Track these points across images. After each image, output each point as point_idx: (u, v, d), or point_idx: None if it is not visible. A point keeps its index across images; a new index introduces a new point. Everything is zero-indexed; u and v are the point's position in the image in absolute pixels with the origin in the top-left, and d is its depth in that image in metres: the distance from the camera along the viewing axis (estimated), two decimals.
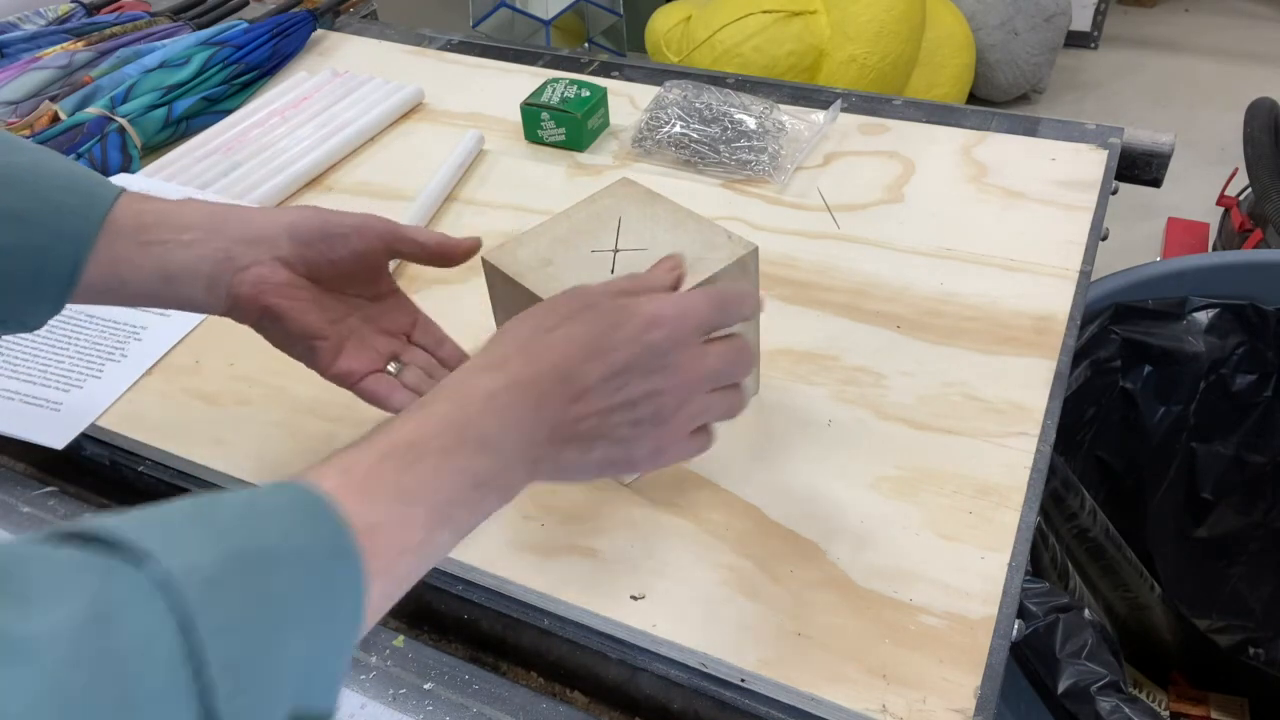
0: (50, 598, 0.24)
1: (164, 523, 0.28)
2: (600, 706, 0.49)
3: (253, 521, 0.30)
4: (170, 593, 0.26)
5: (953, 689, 0.44)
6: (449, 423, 0.36)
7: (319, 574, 0.30)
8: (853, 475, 0.54)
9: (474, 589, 0.52)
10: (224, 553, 0.28)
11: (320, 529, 0.31)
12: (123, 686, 0.24)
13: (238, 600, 0.27)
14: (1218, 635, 0.96)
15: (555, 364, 0.39)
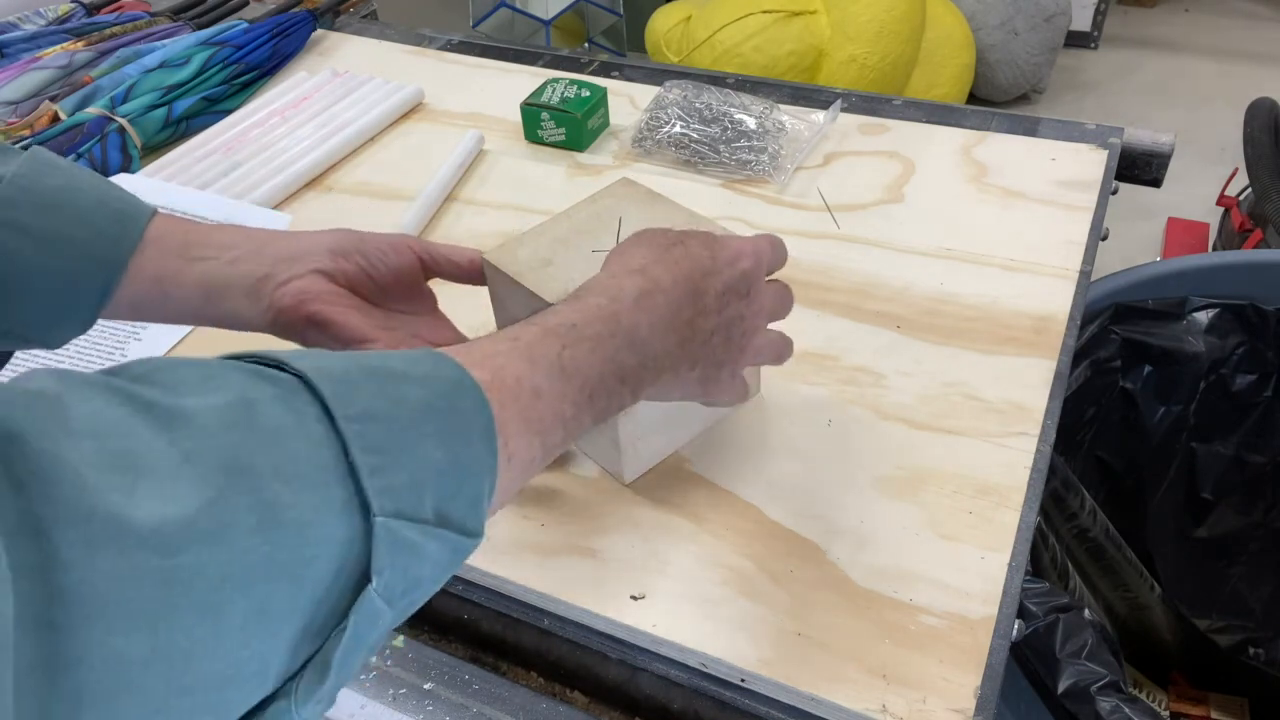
0: (200, 387, 0.26)
1: (300, 353, 0.30)
2: (600, 706, 0.49)
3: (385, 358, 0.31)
4: (307, 389, 0.28)
5: (953, 689, 0.44)
6: (606, 314, 0.38)
7: (445, 397, 0.31)
8: (853, 475, 0.54)
9: (474, 589, 0.52)
10: (353, 364, 0.29)
11: (444, 366, 0.32)
12: (275, 454, 0.26)
13: (369, 398, 0.28)
14: (1218, 635, 0.96)
15: (686, 276, 0.41)
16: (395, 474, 0.28)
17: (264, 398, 0.27)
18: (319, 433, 0.27)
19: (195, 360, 0.28)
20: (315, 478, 0.26)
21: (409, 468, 0.28)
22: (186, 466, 0.24)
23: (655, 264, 0.41)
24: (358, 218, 0.78)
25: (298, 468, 0.26)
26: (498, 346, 0.35)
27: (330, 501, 0.26)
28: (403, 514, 0.28)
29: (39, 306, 0.44)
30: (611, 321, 0.38)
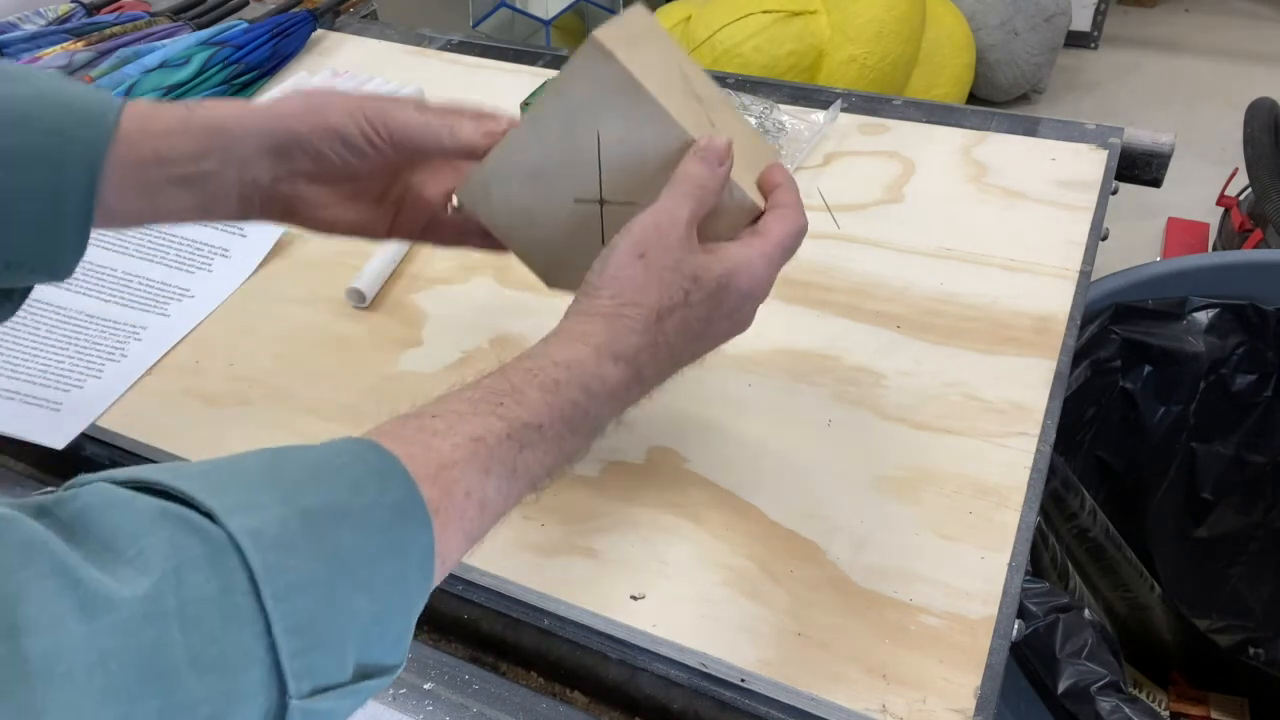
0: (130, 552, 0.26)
1: (230, 479, 0.29)
2: (600, 706, 0.49)
3: (321, 480, 0.30)
4: (237, 553, 0.27)
5: (953, 689, 0.44)
6: (578, 412, 0.38)
7: (389, 535, 0.30)
8: (853, 475, 0.54)
9: (474, 589, 0.52)
10: (290, 512, 0.28)
11: (389, 494, 0.31)
12: (194, 638, 0.25)
13: (301, 563, 0.28)
14: (1218, 635, 0.96)
15: (672, 353, 0.41)
16: (318, 652, 0.28)
17: (190, 560, 0.26)
18: (244, 608, 0.26)
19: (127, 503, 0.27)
20: (233, 662, 0.26)
21: (334, 638, 0.28)
22: (97, 675, 0.24)
23: (647, 349, 0.40)
24: None
25: (216, 652, 0.26)
26: (457, 454, 0.33)
27: (247, 686, 0.26)
28: (320, 687, 0.28)
29: (27, 231, 0.42)
30: (580, 421, 0.38)
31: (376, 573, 0.30)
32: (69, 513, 0.27)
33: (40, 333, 0.68)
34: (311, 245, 0.76)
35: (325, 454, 0.31)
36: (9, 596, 0.24)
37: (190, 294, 0.71)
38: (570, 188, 0.45)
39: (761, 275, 0.43)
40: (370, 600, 0.29)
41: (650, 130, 0.42)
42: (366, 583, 0.29)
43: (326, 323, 0.68)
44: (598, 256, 0.41)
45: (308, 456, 0.31)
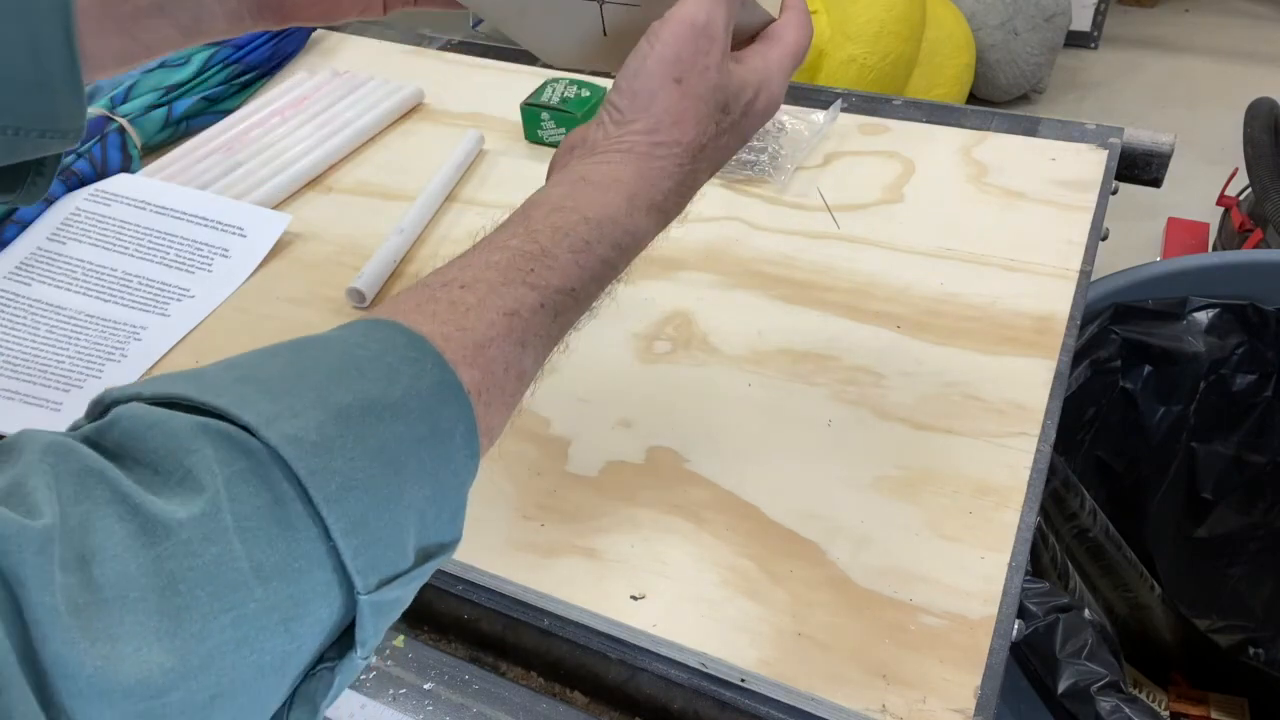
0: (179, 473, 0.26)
1: (260, 387, 0.28)
2: (600, 706, 0.49)
3: (351, 375, 0.29)
4: (282, 464, 0.26)
5: (953, 689, 0.44)
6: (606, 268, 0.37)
7: (428, 421, 0.30)
8: (853, 475, 0.54)
9: (474, 589, 0.52)
10: (328, 415, 0.28)
11: (423, 379, 0.30)
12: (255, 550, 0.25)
13: (347, 464, 0.27)
14: (1218, 635, 0.96)
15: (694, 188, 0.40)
16: (377, 548, 0.28)
17: (238, 474, 0.26)
18: (298, 515, 0.26)
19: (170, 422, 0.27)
20: (296, 567, 0.26)
21: (391, 531, 0.28)
22: (170, 597, 0.24)
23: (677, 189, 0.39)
24: (358, 218, 0.78)
25: (278, 560, 0.26)
26: (493, 330, 0.33)
27: (315, 588, 0.26)
28: (385, 579, 0.28)
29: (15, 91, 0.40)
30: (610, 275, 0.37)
31: (423, 460, 0.29)
32: (113, 440, 0.27)
33: (40, 333, 0.68)
34: (311, 245, 0.76)
35: (349, 343, 0.31)
36: (74, 527, 0.24)
37: (190, 294, 0.71)
38: None
39: (778, 92, 0.42)
40: (420, 486, 0.29)
41: None
42: (415, 472, 0.29)
43: (326, 323, 0.68)
44: (624, 67, 0.39)
45: (332, 348, 0.30)
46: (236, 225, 0.75)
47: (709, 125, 0.39)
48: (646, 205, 0.38)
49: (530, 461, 0.57)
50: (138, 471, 0.26)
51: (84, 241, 0.74)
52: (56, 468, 0.25)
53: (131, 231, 0.75)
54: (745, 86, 0.40)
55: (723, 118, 0.39)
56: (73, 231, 0.75)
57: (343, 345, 0.30)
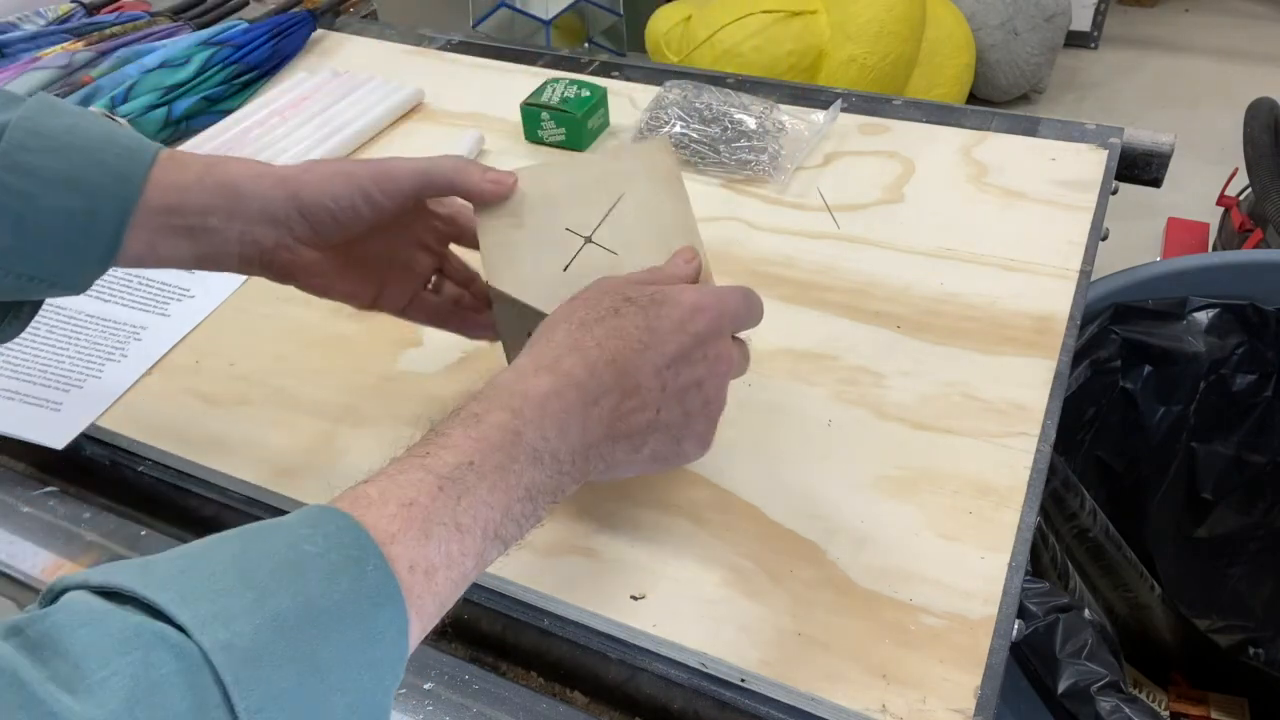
0: (101, 674, 0.25)
1: (205, 584, 0.28)
2: (600, 706, 0.49)
3: (295, 576, 0.29)
4: (210, 669, 0.26)
5: (953, 689, 0.44)
6: (505, 434, 0.35)
7: (363, 625, 0.30)
8: (853, 475, 0.54)
9: (474, 589, 0.52)
10: (265, 619, 0.28)
11: (364, 582, 0.30)
12: None
13: (275, 674, 0.27)
14: (1218, 635, 0.96)
15: (609, 360, 0.38)
16: None
17: (164, 678, 0.26)
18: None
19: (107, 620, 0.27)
20: None
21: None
22: None
23: (570, 352, 0.38)
24: None
25: None
26: (393, 526, 0.32)
27: None
28: None
29: (56, 251, 0.44)
30: (512, 445, 0.35)
31: (351, 669, 0.29)
32: (40, 631, 0.26)
33: (40, 333, 0.68)
34: None
35: (298, 537, 0.31)
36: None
37: (190, 294, 0.71)
38: (571, 217, 0.48)
39: (704, 295, 0.42)
40: (346, 696, 0.29)
41: (666, 212, 0.49)
42: (341, 683, 0.29)
43: (326, 323, 0.68)
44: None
45: (279, 544, 0.30)
46: None
47: (601, 308, 0.40)
48: (534, 368, 0.38)
49: None
50: (57, 665, 0.26)
51: None
52: None
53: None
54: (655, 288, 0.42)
55: (624, 304, 0.40)
56: None
57: (292, 537, 0.30)
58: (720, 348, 0.42)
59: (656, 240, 0.47)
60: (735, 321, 0.43)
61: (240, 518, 0.58)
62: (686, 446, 0.42)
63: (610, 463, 0.39)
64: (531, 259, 0.47)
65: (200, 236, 0.47)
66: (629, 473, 0.42)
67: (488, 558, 0.35)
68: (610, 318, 0.40)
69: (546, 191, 0.49)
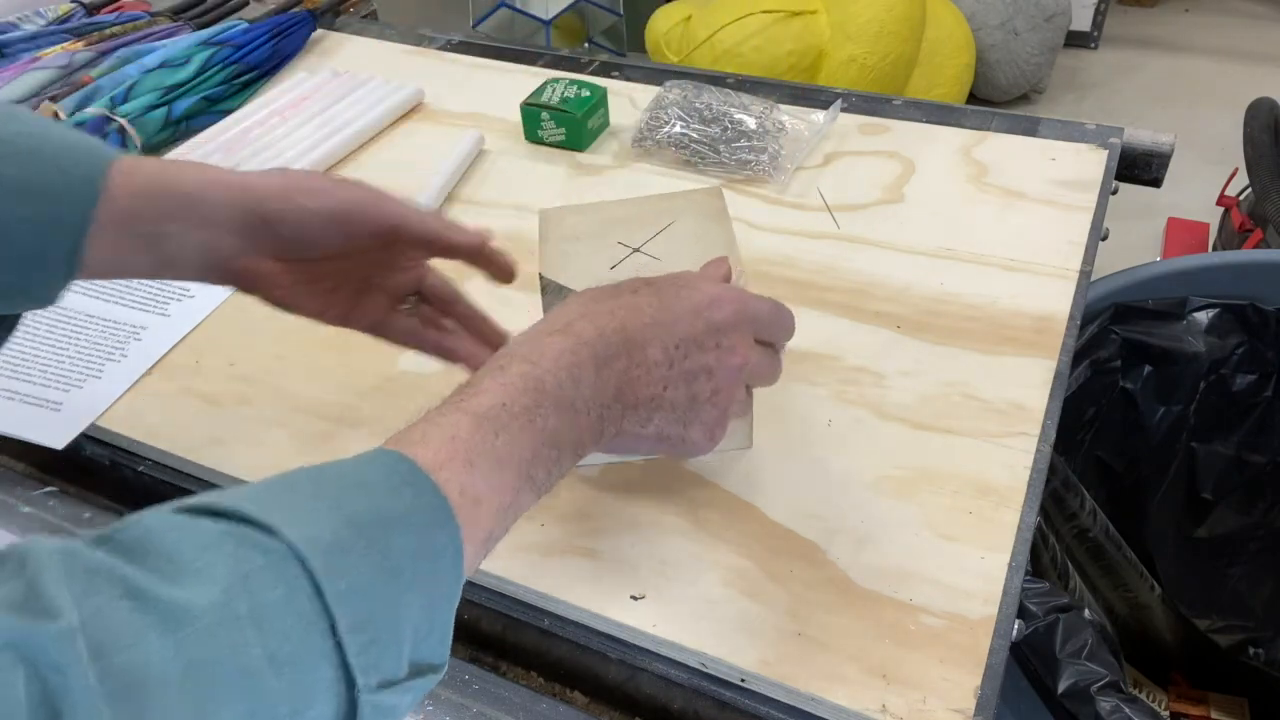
0: (197, 565, 0.27)
1: (282, 497, 0.31)
2: (600, 706, 0.49)
3: (361, 491, 0.32)
4: (298, 561, 0.28)
5: (953, 689, 0.44)
6: (528, 382, 0.37)
7: (426, 539, 0.32)
8: (853, 475, 0.54)
9: (474, 589, 0.52)
10: (340, 521, 0.30)
11: (422, 499, 0.32)
12: (269, 639, 0.27)
13: (356, 565, 0.29)
14: (1218, 635, 0.96)
15: (618, 327, 0.40)
16: (380, 648, 0.29)
17: (255, 570, 0.28)
18: (309, 610, 0.28)
19: (187, 525, 0.29)
20: (306, 660, 0.28)
21: (392, 633, 0.30)
22: (189, 682, 0.25)
23: (582, 318, 0.40)
24: None
25: (290, 651, 0.27)
26: (439, 456, 0.34)
27: (319, 683, 0.28)
28: (385, 682, 0.29)
29: (19, 261, 0.43)
30: (537, 391, 0.37)
31: (419, 573, 0.31)
32: (130, 537, 0.28)
33: (40, 333, 0.68)
34: None
35: (360, 466, 0.33)
36: (89, 621, 0.25)
37: (190, 294, 0.71)
38: (624, 234, 0.54)
39: (728, 290, 0.43)
40: (418, 598, 0.31)
41: (712, 234, 0.53)
42: (413, 582, 0.31)
43: None
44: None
45: (345, 469, 0.33)
46: None
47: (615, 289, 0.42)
48: (549, 330, 0.40)
49: None
50: (152, 563, 0.27)
51: None
52: (67, 566, 0.26)
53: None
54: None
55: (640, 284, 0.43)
56: None
57: (354, 466, 0.33)
58: (735, 340, 0.42)
59: (700, 253, 0.51)
60: (758, 325, 0.44)
61: None
62: (693, 433, 0.42)
63: (620, 429, 0.40)
64: (582, 260, 0.52)
65: (159, 244, 0.45)
66: (638, 448, 0.42)
67: (522, 500, 0.37)
68: (626, 294, 0.42)
69: (605, 218, 0.54)
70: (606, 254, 0.52)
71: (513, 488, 0.36)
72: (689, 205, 0.55)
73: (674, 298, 0.42)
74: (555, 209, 0.55)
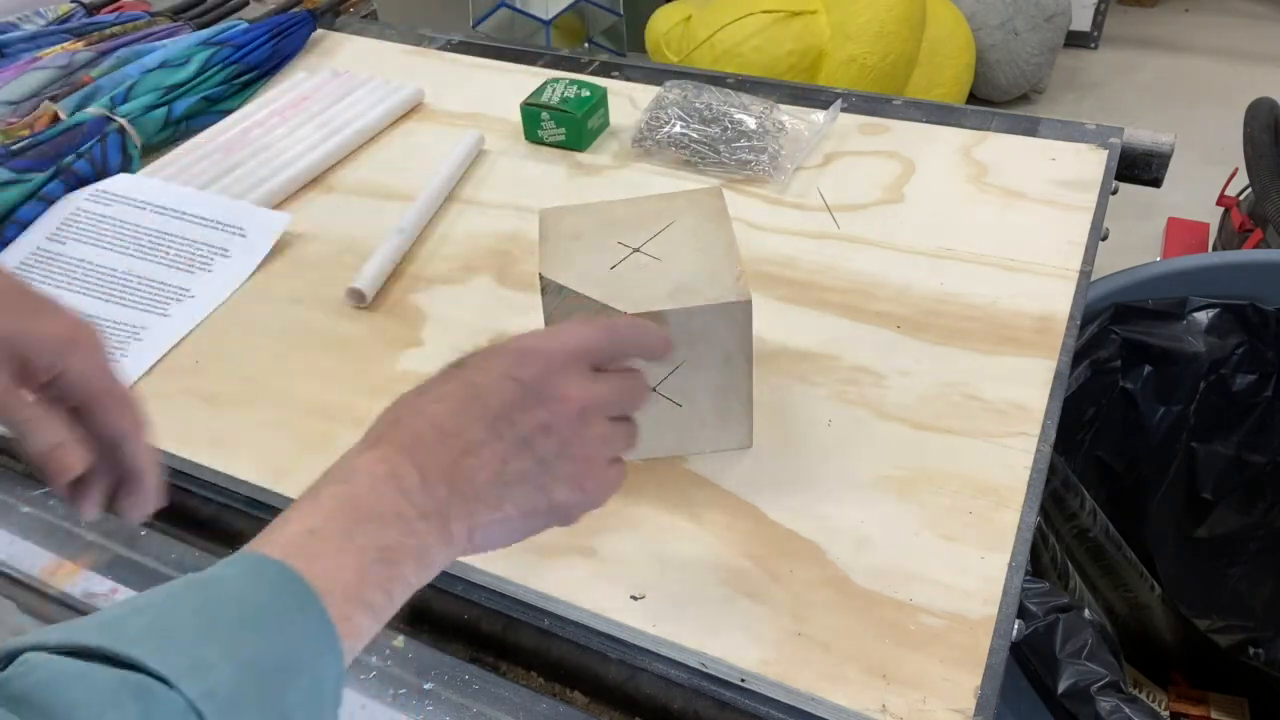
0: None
1: (175, 637, 0.29)
2: (600, 706, 0.49)
3: (254, 627, 0.30)
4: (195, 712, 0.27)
5: (953, 689, 0.44)
6: (339, 504, 0.35)
7: (316, 675, 0.31)
8: (853, 475, 0.54)
9: (474, 589, 0.52)
10: (236, 667, 0.29)
11: (310, 623, 0.31)
12: None
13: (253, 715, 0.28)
14: (1218, 635, 0.96)
15: (431, 424, 0.38)
16: None
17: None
18: None
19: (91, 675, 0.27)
20: None
21: None
22: None
23: (391, 427, 0.38)
24: (358, 217, 0.78)
25: None
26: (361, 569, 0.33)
27: None
28: None
29: None
30: (348, 511, 0.35)
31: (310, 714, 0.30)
32: (20, 689, 0.26)
33: None
34: (312, 245, 0.76)
35: (247, 587, 0.31)
36: None
37: (190, 294, 0.71)
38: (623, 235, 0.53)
39: (537, 339, 0.41)
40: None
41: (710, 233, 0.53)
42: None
43: (326, 323, 0.68)
44: None
45: (232, 595, 0.31)
46: (236, 225, 0.75)
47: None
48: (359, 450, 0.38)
49: None
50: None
51: (84, 241, 0.74)
52: None
53: (131, 231, 0.75)
54: None
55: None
56: (73, 231, 0.75)
57: (239, 589, 0.31)
58: (561, 387, 0.39)
59: (699, 253, 0.52)
60: (588, 357, 0.41)
61: (240, 518, 0.58)
62: (559, 495, 0.39)
63: (476, 524, 0.37)
64: (583, 259, 0.52)
65: None
66: (510, 533, 0.39)
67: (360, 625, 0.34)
68: (434, 387, 0.39)
69: (605, 218, 0.54)
70: (606, 254, 0.52)
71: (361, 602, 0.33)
72: (689, 205, 0.55)
73: (480, 371, 0.39)
74: (555, 209, 0.55)
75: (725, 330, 0.50)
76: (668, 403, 0.53)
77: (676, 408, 0.53)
